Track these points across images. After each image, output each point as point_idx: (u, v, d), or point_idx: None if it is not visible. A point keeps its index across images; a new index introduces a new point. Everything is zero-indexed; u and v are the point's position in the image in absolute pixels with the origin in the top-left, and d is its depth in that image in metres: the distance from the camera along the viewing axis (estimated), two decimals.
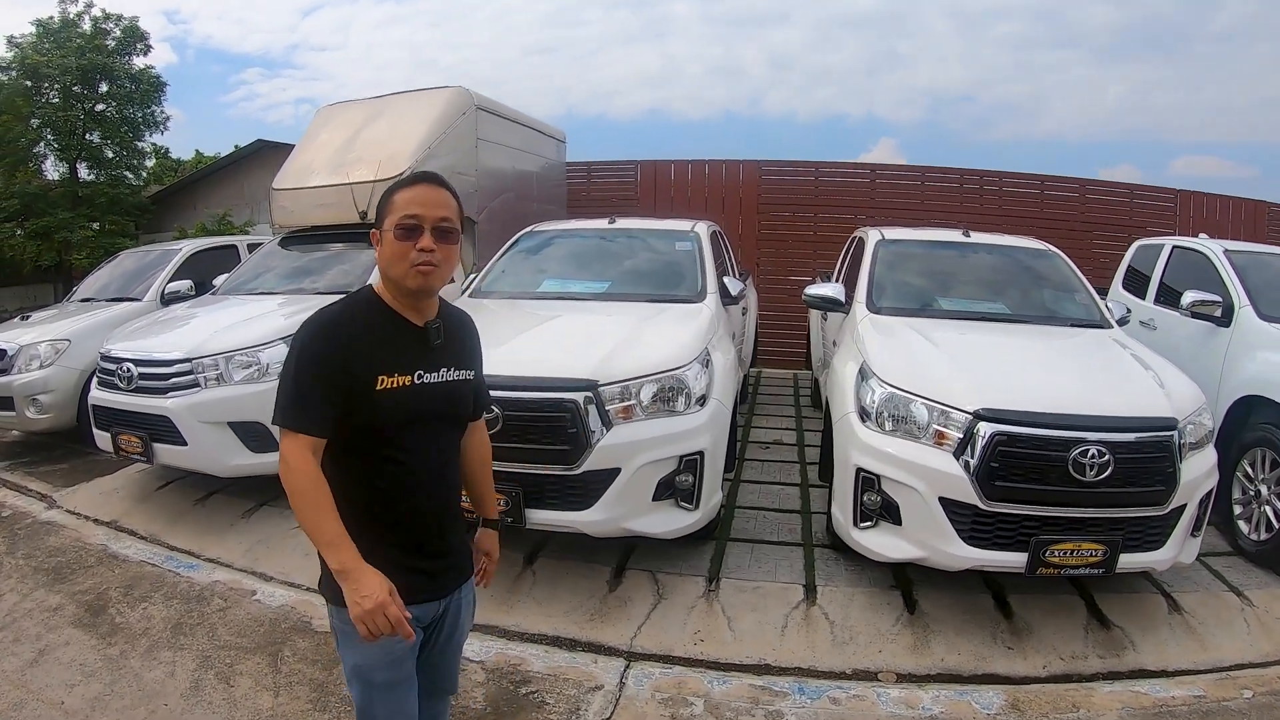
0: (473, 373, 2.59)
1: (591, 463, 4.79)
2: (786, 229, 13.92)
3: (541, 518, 4.92)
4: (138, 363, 6.71)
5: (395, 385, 2.29)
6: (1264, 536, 5.67)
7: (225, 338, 6.64)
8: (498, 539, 2.97)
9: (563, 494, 4.90)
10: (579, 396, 4.79)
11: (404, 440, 2.34)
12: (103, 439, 7.01)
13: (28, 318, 9.76)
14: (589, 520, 4.88)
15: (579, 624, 4.84)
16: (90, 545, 6.21)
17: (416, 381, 2.35)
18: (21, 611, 5.16)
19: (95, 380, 7.27)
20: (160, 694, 4.20)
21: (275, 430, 2.27)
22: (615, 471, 4.83)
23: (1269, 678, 4.45)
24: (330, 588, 2.29)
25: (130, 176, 22.61)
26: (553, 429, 4.80)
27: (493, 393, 4.75)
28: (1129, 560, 4.52)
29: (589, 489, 4.87)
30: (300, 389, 2.23)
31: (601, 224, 8.04)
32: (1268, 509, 5.66)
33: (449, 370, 2.46)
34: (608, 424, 4.84)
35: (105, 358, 7.06)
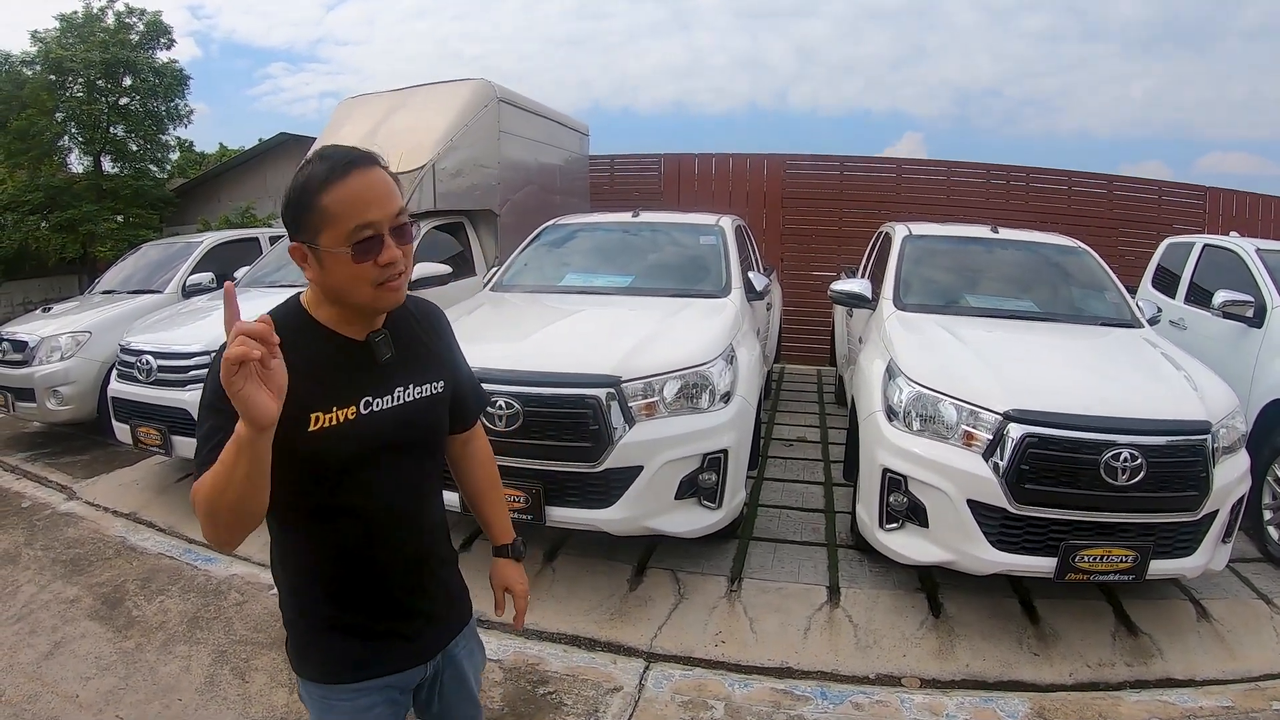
0: (443, 382, 2.11)
1: (613, 460, 4.75)
2: (811, 224, 13.91)
3: (562, 515, 4.88)
4: (157, 355, 6.76)
5: (335, 422, 1.83)
6: None
7: None
8: (520, 569, 2.55)
9: (584, 492, 4.86)
10: (601, 393, 4.75)
11: (357, 484, 1.88)
12: (122, 431, 7.06)
13: (50, 309, 9.84)
14: (610, 519, 4.85)
15: (598, 623, 4.80)
16: (109, 537, 6.22)
17: (364, 411, 1.89)
18: (39, 603, 5.16)
19: (115, 372, 7.34)
20: (175, 688, 4.18)
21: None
22: (637, 469, 4.79)
23: None
24: (296, 655, 2.00)
25: (155, 169, 22.86)
26: (574, 425, 4.76)
27: (514, 388, 4.74)
28: (1160, 567, 4.44)
29: (610, 487, 4.83)
30: (213, 428, 1.72)
31: (625, 217, 8.01)
32: None
33: (408, 389, 2.00)
34: (630, 421, 4.80)
35: (125, 350, 7.12)
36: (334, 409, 1.82)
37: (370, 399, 1.89)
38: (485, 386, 4.72)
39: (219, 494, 1.59)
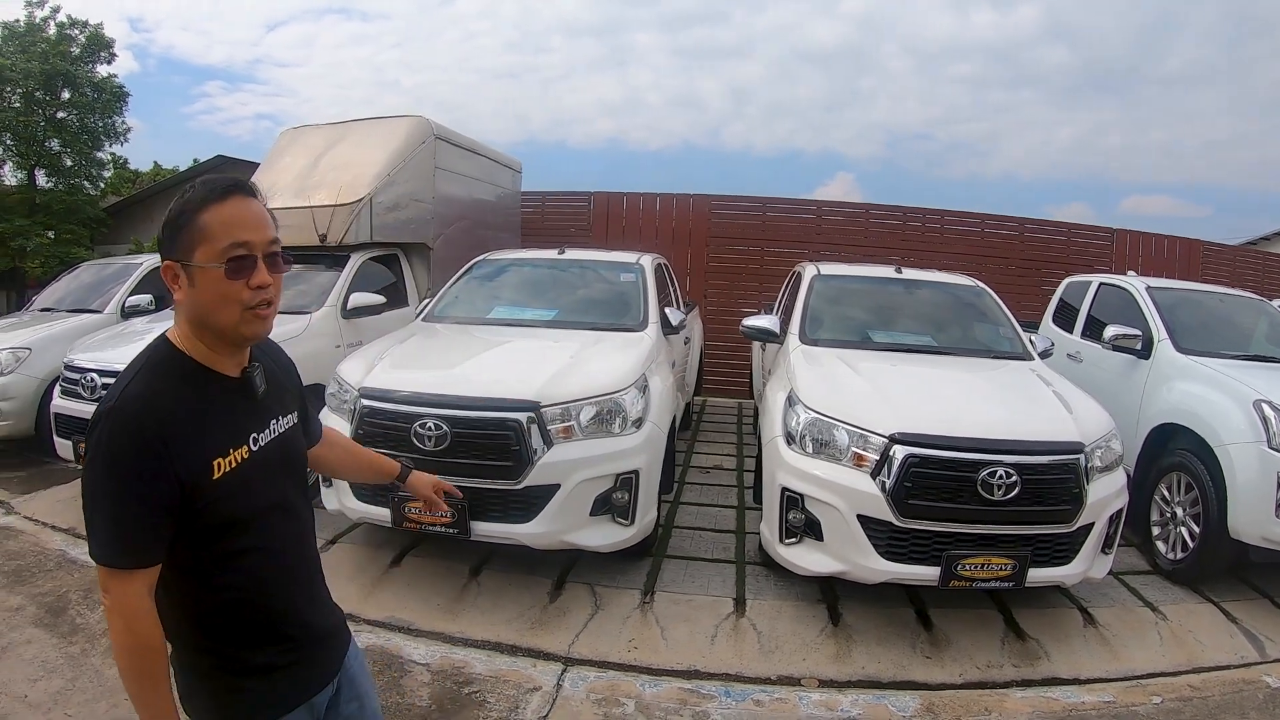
0: (296, 411, 2.16)
1: (533, 478, 5.03)
2: (735, 262, 14.17)
3: (486, 529, 5.14)
4: (102, 373, 6.87)
5: (235, 464, 1.83)
6: (1179, 556, 5.99)
7: None
8: (424, 474, 2.79)
9: (506, 508, 5.13)
10: (522, 416, 5.04)
11: (258, 524, 1.89)
12: (64, 447, 7.17)
13: None
14: (531, 532, 5.11)
15: (520, 631, 5.03)
16: (49, 550, 6.28)
17: (254, 448, 1.90)
18: None
19: (59, 389, 7.42)
20: (121, 689, 4.30)
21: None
22: (555, 487, 5.07)
23: (1178, 685, 4.71)
24: (215, 709, 1.95)
25: (88, 186, 22.48)
26: (497, 446, 5.03)
27: (442, 411, 5.04)
28: (1038, 574, 4.81)
29: (531, 503, 5.10)
30: (119, 509, 1.69)
31: (552, 254, 8.28)
32: (1183, 530, 5.98)
33: (279, 419, 2.04)
34: (549, 442, 5.08)
35: (70, 367, 7.24)
36: (230, 451, 1.82)
37: (256, 434, 1.92)
38: (416, 409, 5.03)
39: (130, 674, 1.75)
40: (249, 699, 1.93)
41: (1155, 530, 6.29)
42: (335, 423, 5.47)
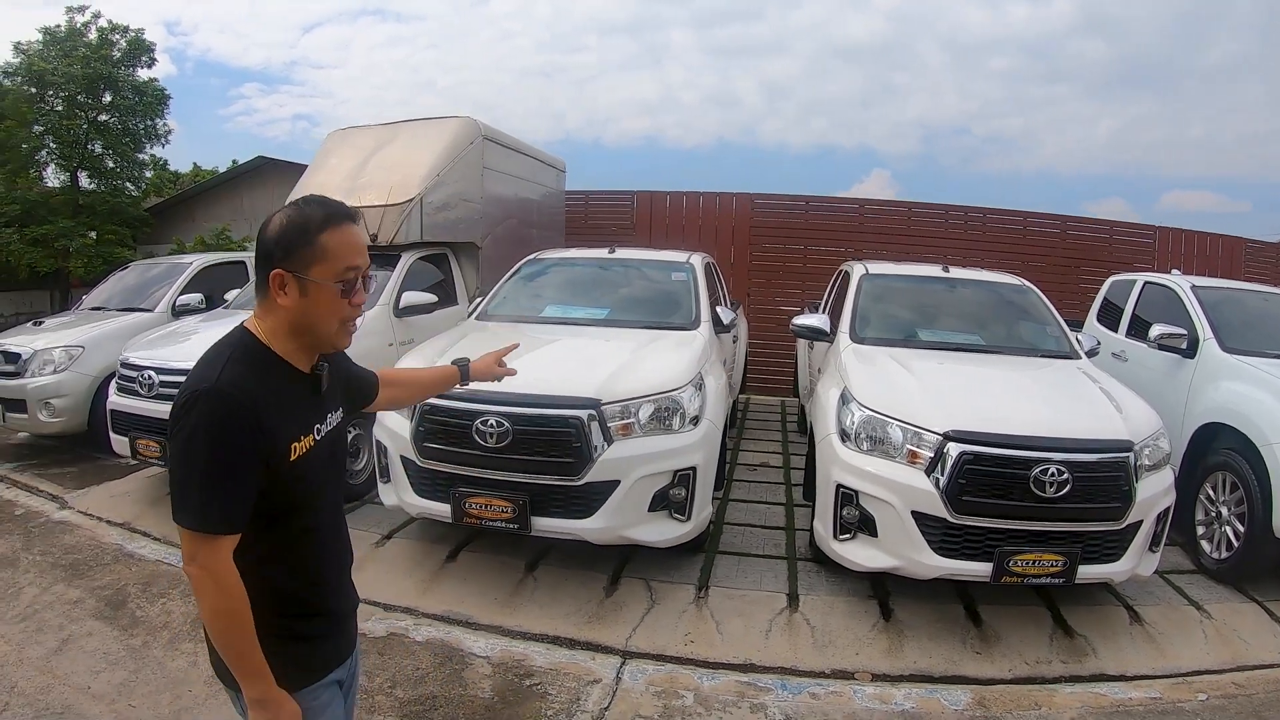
0: (342, 408, 2.32)
1: (593, 475, 5.13)
2: (777, 260, 14.19)
3: (546, 525, 5.25)
4: (159, 370, 6.97)
5: (306, 449, 2.02)
6: (1224, 555, 5.99)
7: None
8: (479, 362, 3.16)
9: (566, 503, 5.23)
10: (583, 414, 5.13)
11: (314, 507, 2.08)
12: (120, 443, 7.27)
13: (41, 323, 10.00)
14: (590, 528, 5.21)
15: (578, 625, 5.12)
16: (105, 544, 6.39)
17: (317, 438, 2.09)
18: (42, 604, 5.38)
19: (115, 386, 7.51)
20: (184, 681, 4.42)
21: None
22: (615, 483, 5.17)
23: (1223, 683, 4.75)
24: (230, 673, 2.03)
25: (131, 187, 22.70)
26: (559, 443, 5.12)
27: (504, 408, 5.11)
28: (1088, 571, 4.86)
29: (590, 499, 5.20)
30: (215, 479, 1.82)
31: (602, 253, 8.37)
32: (1227, 529, 5.97)
33: (335, 413, 2.24)
34: (609, 439, 5.18)
35: (126, 365, 7.34)
36: (303, 437, 2.02)
37: (319, 425, 2.11)
38: (477, 406, 5.12)
39: (213, 632, 1.88)
40: (299, 664, 2.07)
41: (1200, 529, 6.30)
42: (394, 421, 5.61)
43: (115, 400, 7.38)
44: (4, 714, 4.17)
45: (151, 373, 7.03)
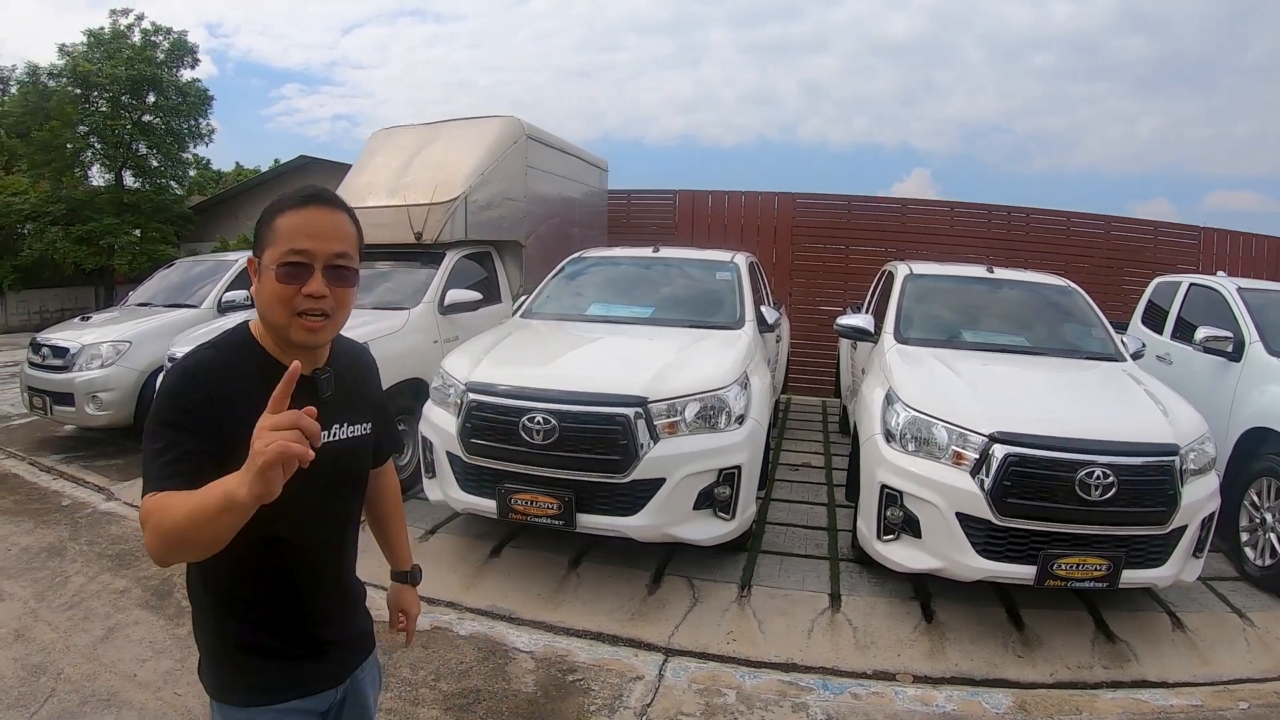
0: (371, 424, 2.15)
1: (639, 472, 5.17)
2: (818, 260, 14.21)
3: (591, 522, 5.30)
4: None
5: None
6: (1268, 562, 5.93)
7: None
8: (415, 594, 2.58)
9: (612, 500, 5.28)
10: (630, 411, 5.18)
11: (292, 516, 1.77)
12: None
13: (88, 318, 10.19)
14: (635, 525, 5.26)
15: (620, 622, 5.16)
16: None
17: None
18: (89, 593, 5.48)
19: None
20: None
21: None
22: (660, 481, 5.21)
23: (1265, 691, 4.70)
24: (213, 680, 2.02)
25: (175, 186, 23.05)
26: (605, 440, 5.18)
27: (551, 405, 5.17)
28: (1132, 576, 4.84)
29: (636, 497, 5.24)
30: (165, 448, 1.69)
31: (646, 252, 8.42)
32: (1272, 536, 5.92)
33: (343, 426, 2.03)
34: (655, 437, 5.22)
35: (173, 359, 7.34)
36: None
37: None
38: (524, 403, 5.18)
39: (190, 530, 1.51)
40: (247, 678, 1.97)
41: (1244, 536, 6.24)
42: (440, 417, 5.68)
43: None
44: (50, 700, 4.22)
45: None
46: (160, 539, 1.56)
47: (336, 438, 1.99)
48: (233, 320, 8.39)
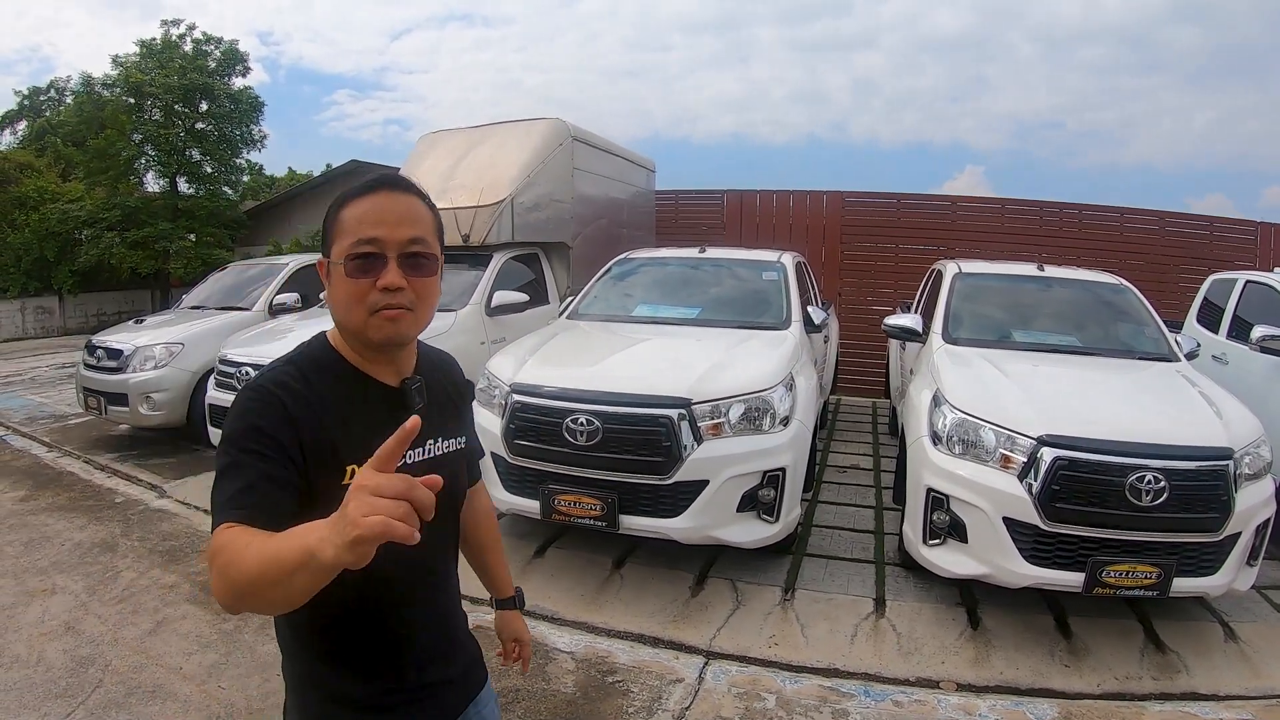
0: (465, 437, 1.96)
1: (683, 474, 5.16)
2: (868, 259, 14.12)
3: (634, 524, 5.30)
4: (255, 367, 7.08)
5: None
6: None
7: None
8: (523, 619, 2.43)
9: (655, 502, 5.27)
10: (674, 413, 5.17)
11: (387, 546, 1.30)
12: (217, 436, 7.42)
13: (142, 321, 10.38)
14: (678, 527, 5.24)
15: (662, 624, 5.15)
16: (202, 532, 6.59)
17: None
18: (139, 587, 5.58)
19: (213, 381, 7.90)
20: (274, 665, 4.46)
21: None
22: (704, 483, 5.19)
23: None
24: None
25: (228, 191, 23.46)
26: (648, 441, 5.17)
27: (594, 406, 5.18)
28: (1183, 584, 4.73)
29: (679, 498, 5.23)
30: (236, 474, 1.50)
31: (692, 253, 8.42)
32: None
33: (438, 441, 1.83)
34: (698, 439, 5.20)
35: (224, 361, 7.68)
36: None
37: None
38: (568, 404, 5.19)
39: (263, 585, 1.30)
40: None
41: None
42: (484, 417, 5.67)
43: (214, 395, 7.76)
44: (98, 690, 4.30)
45: (248, 369, 7.27)
46: (228, 587, 1.36)
47: (431, 454, 1.80)
48: (284, 323, 8.58)
